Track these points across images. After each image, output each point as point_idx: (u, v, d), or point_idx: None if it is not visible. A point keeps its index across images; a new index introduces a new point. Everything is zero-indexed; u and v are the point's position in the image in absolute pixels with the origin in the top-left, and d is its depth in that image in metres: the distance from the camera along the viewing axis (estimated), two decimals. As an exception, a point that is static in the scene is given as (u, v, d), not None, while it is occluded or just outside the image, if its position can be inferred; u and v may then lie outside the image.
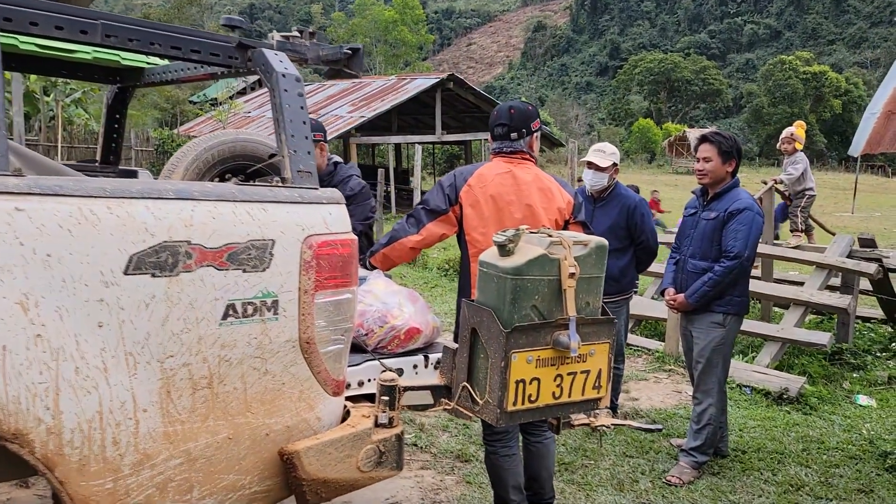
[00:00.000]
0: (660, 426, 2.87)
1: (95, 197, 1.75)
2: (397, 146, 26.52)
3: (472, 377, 2.34)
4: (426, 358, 2.78)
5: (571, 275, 2.28)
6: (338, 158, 3.86)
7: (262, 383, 2.07)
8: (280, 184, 2.18)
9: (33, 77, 20.54)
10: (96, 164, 3.45)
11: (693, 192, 4.30)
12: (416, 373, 2.74)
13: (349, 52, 2.49)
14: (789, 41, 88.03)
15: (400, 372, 2.70)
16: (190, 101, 35.02)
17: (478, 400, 2.29)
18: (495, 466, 3.22)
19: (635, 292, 8.71)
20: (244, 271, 1.99)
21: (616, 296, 4.76)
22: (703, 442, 4.12)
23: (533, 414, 2.30)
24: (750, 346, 6.45)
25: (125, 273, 1.78)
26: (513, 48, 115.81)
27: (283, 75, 2.24)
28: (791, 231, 7.39)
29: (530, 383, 2.25)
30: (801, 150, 7.30)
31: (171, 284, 1.86)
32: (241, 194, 2.02)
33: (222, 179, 4.65)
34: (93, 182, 1.80)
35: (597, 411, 2.50)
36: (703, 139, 4.09)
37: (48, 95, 20.34)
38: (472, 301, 2.37)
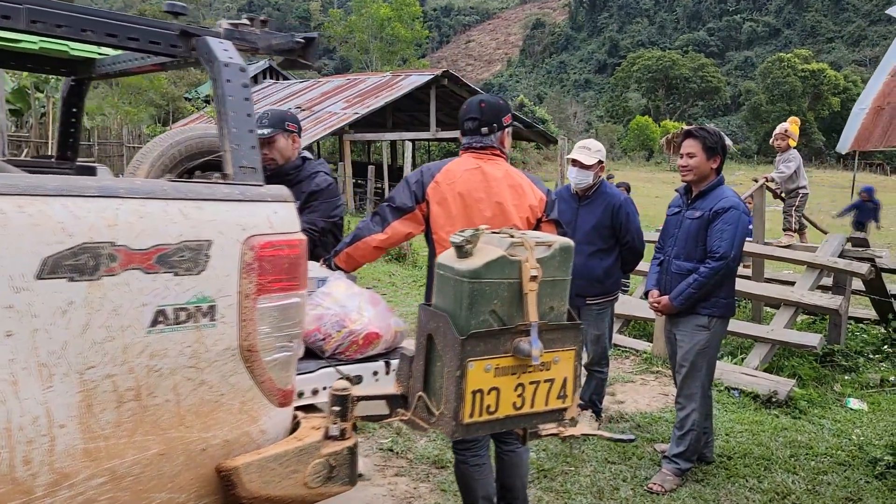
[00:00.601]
0: (632, 437, 2.71)
1: (3, 194, 1.61)
2: (393, 143, 26.37)
3: (428, 386, 2.20)
4: (387, 364, 2.64)
5: (533, 278, 2.14)
6: (307, 154, 3.71)
7: (198, 394, 1.93)
8: (220, 180, 2.04)
9: (25, 73, 20.41)
10: (52, 159, 3.31)
11: (677, 191, 4.15)
12: (377, 380, 2.60)
13: (302, 41, 2.35)
14: (788, 39, 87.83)
15: (359, 379, 2.56)
16: (185, 98, 34.88)
17: (434, 411, 2.15)
18: (464, 476, 3.09)
19: (625, 291, 8.62)
20: (176, 274, 1.85)
21: (601, 297, 4.63)
22: (687, 448, 3.99)
23: (492, 426, 2.16)
24: (739, 347, 6.31)
25: (38, 277, 1.64)
26: (511, 45, 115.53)
27: (226, 64, 2.10)
28: (783, 230, 7.25)
29: (489, 393, 2.11)
30: (795, 148, 7.15)
31: (91, 289, 1.72)
32: (174, 192, 1.88)
33: (191, 177, 4.52)
34: (1, 178, 1.66)
35: (566, 420, 2.37)
36: (688, 134, 3.94)
37: (41, 92, 20.18)
38: (430, 305, 2.23)
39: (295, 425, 2.24)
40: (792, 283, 6.69)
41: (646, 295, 4.22)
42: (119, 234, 1.75)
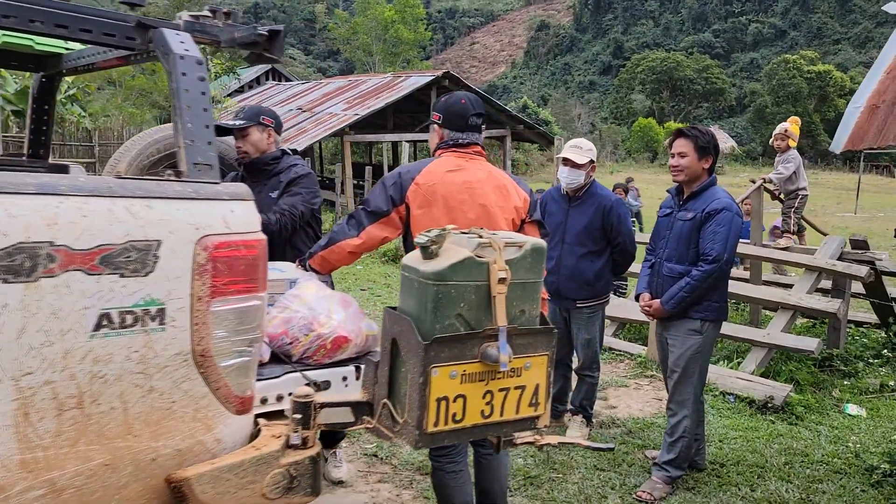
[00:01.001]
0: (612, 445, 2.61)
1: (-71, 192, 1.53)
2: (394, 144, 26.29)
3: (392, 393, 2.11)
4: (358, 369, 2.54)
5: (501, 280, 2.04)
6: (287, 149, 3.67)
7: (147, 402, 1.85)
8: (173, 177, 1.96)
9: (28, 74, 20.40)
10: (24, 158, 3.24)
11: (668, 192, 4.05)
12: (346, 385, 2.51)
13: (266, 34, 2.26)
14: (794, 40, 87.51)
15: (327, 385, 2.47)
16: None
17: (398, 419, 2.06)
18: (441, 484, 3.00)
19: (622, 294, 8.51)
20: (122, 276, 1.76)
21: (591, 300, 4.54)
22: (677, 455, 3.88)
23: (459, 435, 2.07)
24: (735, 351, 6.20)
25: (-32, 279, 1.56)
26: (516, 47, 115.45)
27: (182, 57, 2.02)
28: (782, 232, 7.13)
29: (454, 401, 2.02)
30: (796, 148, 7.01)
31: (28, 291, 1.63)
32: (121, 189, 1.79)
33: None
34: (-72, 175, 1.58)
35: (540, 429, 2.28)
36: (679, 133, 3.84)
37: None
38: (394, 308, 2.14)
39: (256, 433, 2.15)
40: (790, 286, 6.58)
41: (637, 298, 4.11)
42: (59, 233, 1.67)
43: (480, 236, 2.10)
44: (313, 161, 24.81)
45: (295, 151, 3.82)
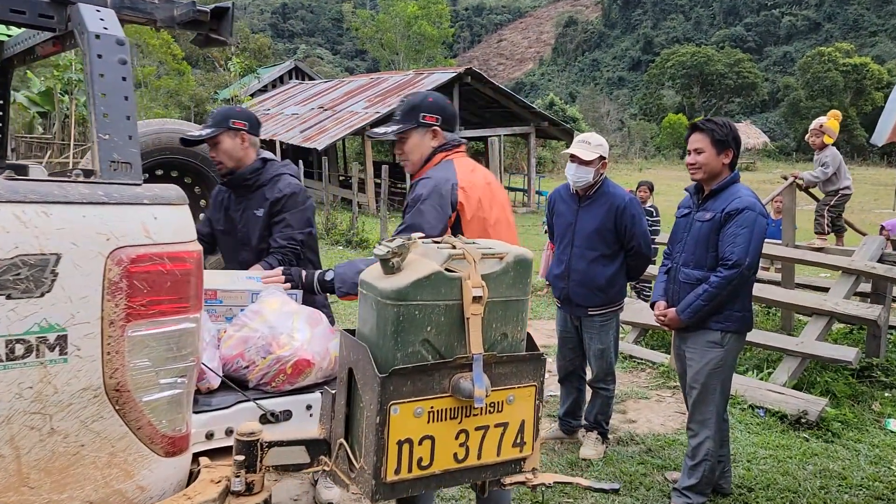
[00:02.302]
0: (617, 486, 2.28)
1: None
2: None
3: (350, 432, 1.79)
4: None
5: (477, 298, 1.71)
6: (269, 155, 3.28)
7: (47, 447, 1.55)
8: (80, 178, 1.65)
9: (52, 75, 20.45)
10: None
11: (686, 190, 3.68)
12: (311, 415, 2.20)
13: (208, 12, 1.96)
14: (829, 33, 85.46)
15: (287, 415, 2.17)
16: (212, 100, 34.91)
17: (355, 464, 1.74)
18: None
19: (647, 297, 8.10)
20: (9, 297, 1.47)
21: (604, 308, 4.18)
22: (699, 481, 3.52)
23: (426, 483, 1.74)
24: (766, 360, 5.77)
25: None
26: (543, 44, 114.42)
27: (98, 36, 1.72)
28: (815, 233, 6.64)
29: (420, 444, 1.70)
30: (833, 145, 6.48)
31: None
32: (7, 193, 1.49)
33: (152, 177, 4.17)
34: None
35: (527, 472, 1.94)
36: (694, 128, 3.48)
37: (70, 94, 20.19)
38: (352, 332, 1.82)
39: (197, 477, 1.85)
40: (826, 290, 6.14)
41: (652, 306, 3.74)
42: (-74, 247, 1.38)
43: (453, 246, 1.78)
44: (335, 159, 24.62)
45: (287, 154, 3.51)
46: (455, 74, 20.42)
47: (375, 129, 2.74)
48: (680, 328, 3.53)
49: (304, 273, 2.73)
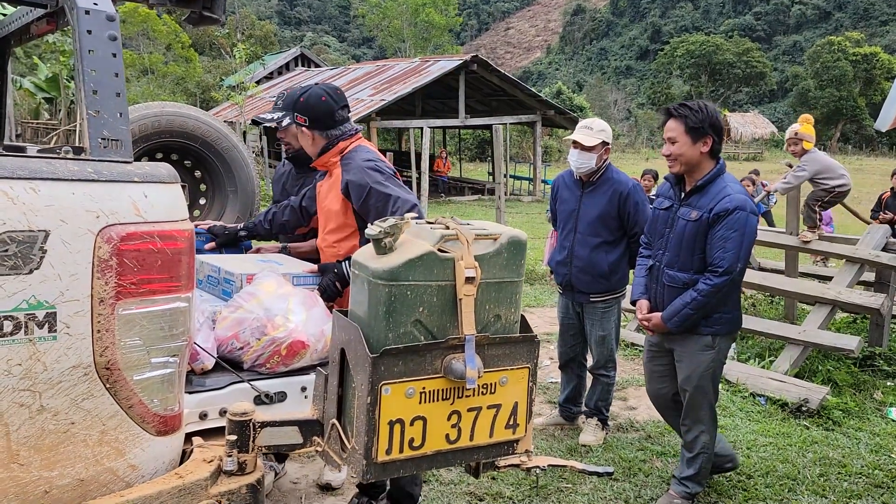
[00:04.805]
0: (610, 470, 2.26)
1: None
2: (423, 131, 25.94)
3: (343, 413, 1.79)
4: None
5: (469, 279, 1.70)
6: None
7: (37, 424, 1.55)
8: (70, 155, 1.65)
9: (54, 62, 20.46)
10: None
11: (666, 178, 3.46)
12: (306, 397, 2.20)
13: (201, -12, 1.94)
14: (839, 22, 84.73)
15: (282, 396, 2.17)
16: (219, 87, 34.90)
17: (346, 444, 1.74)
18: None
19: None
20: (-3, 274, 1.46)
21: (606, 294, 4.16)
22: (698, 471, 3.49)
23: (418, 464, 1.74)
24: (768, 349, 5.75)
25: None
26: (551, 32, 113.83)
27: (87, 11, 1.70)
28: (807, 227, 6.46)
29: (412, 424, 1.69)
30: (814, 148, 6.31)
31: None
32: (-3, 169, 1.49)
33: (153, 161, 4.16)
34: None
35: (520, 454, 1.94)
36: (667, 114, 3.27)
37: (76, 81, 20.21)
38: (345, 312, 1.82)
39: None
40: (829, 279, 6.10)
41: (633, 303, 3.59)
42: (-87, 222, 1.37)
43: (447, 227, 1.77)
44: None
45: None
46: (461, 62, 20.32)
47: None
48: (664, 333, 3.40)
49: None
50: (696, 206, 3.22)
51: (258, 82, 28.58)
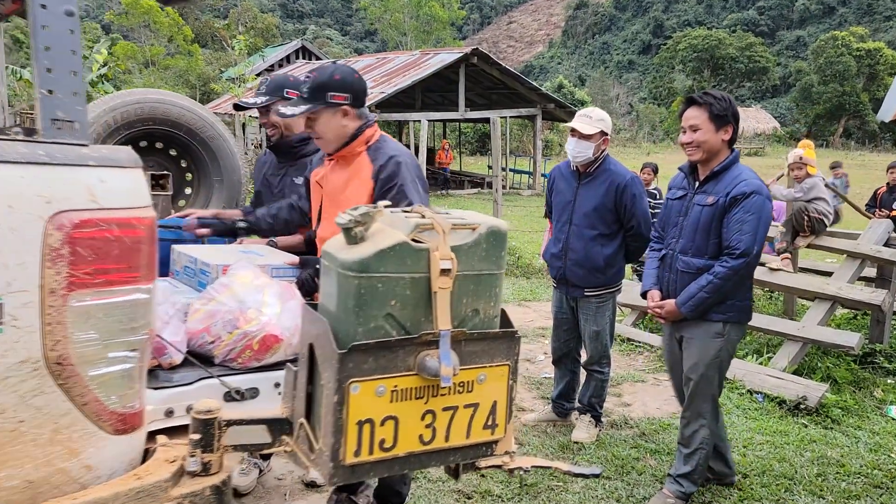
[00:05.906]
0: (598, 471, 2.17)
1: None
2: (421, 124, 25.79)
3: (311, 411, 1.70)
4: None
5: (445, 271, 1.61)
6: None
7: (-19, 422, 1.46)
8: (19, 136, 1.55)
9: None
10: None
11: (680, 169, 3.47)
12: (279, 393, 2.10)
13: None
14: (843, 17, 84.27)
15: (254, 393, 2.08)
16: (220, 78, 34.79)
17: (314, 445, 1.65)
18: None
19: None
20: (-64, 263, 1.37)
21: (601, 289, 4.07)
22: (694, 469, 3.41)
23: (389, 467, 1.65)
24: (766, 345, 5.65)
25: None
26: (553, 26, 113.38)
27: (42, -13, 1.60)
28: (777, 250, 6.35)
29: (382, 424, 1.60)
30: (819, 173, 6.27)
31: None
32: (-64, 151, 1.39)
33: (136, 149, 4.06)
34: None
35: (501, 455, 1.84)
36: (690, 101, 3.26)
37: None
38: (314, 305, 1.73)
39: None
40: (829, 274, 6.00)
41: (643, 295, 3.57)
42: None
43: (422, 215, 1.67)
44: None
45: None
46: (461, 55, 20.21)
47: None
48: (678, 320, 3.36)
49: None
50: (712, 192, 3.22)
51: (258, 75, 28.47)
